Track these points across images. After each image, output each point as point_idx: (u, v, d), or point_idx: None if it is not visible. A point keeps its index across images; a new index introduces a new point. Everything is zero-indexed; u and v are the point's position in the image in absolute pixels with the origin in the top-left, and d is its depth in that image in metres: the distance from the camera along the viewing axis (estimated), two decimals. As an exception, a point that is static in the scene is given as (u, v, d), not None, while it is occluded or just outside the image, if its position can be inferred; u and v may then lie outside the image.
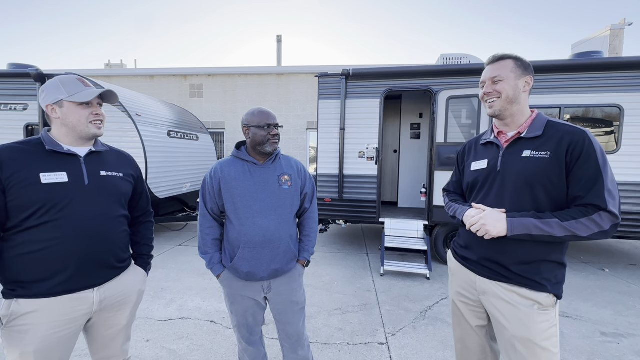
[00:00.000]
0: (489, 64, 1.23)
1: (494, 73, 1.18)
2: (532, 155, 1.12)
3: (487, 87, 1.21)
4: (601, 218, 1.01)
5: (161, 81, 8.75)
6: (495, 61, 1.20)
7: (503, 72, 1.17)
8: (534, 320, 1.10)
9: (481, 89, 1.25)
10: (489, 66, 1.22)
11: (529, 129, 1.17)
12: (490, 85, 1.19)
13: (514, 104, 1.17)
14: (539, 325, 1.10)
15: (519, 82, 1.16)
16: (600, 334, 2.53)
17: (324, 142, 4.35)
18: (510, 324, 1.14)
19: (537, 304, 1.11)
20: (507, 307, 1.15)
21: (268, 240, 1.40)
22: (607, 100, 3.63)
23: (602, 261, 4.38)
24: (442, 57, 5.10)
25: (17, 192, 1.04)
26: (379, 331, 2.54)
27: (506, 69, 1.16)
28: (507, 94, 1.16)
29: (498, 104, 1.18)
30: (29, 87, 4.53)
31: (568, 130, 1.10)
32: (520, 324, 1.12)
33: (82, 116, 1.15)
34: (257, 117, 1.41)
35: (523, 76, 1.17)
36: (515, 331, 1.13)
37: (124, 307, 1.27)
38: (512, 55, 1.19)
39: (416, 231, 4.10)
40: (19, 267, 1.06)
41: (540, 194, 1.11)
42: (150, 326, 2.57)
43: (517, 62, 1.17)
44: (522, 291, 1.13)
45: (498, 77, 1.17)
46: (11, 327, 1.05)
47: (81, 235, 1.11)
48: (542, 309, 1.11)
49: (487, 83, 1.20)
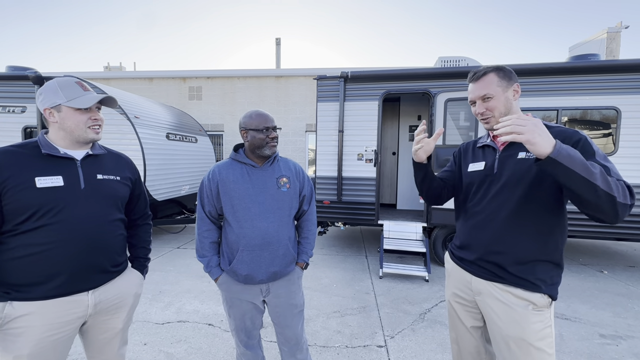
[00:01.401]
0: (472, 81, 1.21)
1: (481, 91, 1.17)
2: (528, 156, 1.13)
3: (479, 107, 1.20)
4: (627, 190, 0.92)
5: (160, 83, 8.75)
6: (478, 79, 1.19)
7: (490, 88, 1.16)
8: (528, 321, 1.10)
9: (471, 106, 1.24)
10: (474, 84, 1.20)
11: None
12: (482, 105, 1.19)
13: (508, 115, 1.17)
14: (533, 325, 1.10)
15: (508, 93, 1.16)
16: (599, 335, 2.53)
17: (322, 144, 4.36)
18: (505, 324, 1.14)
19: (531, 304, 1.11)
20: (502, 307, 1.15)
21: (267, 243, 1.39)
22: (604, 102, 3.65)
23: (600, 263, 4.39)
24: (440, 60, 5.12)
25: (12, 196, 1.03)
26: (378, 334, 2.53)
27: (492, 84, 1.16)
28: (499, 111, 1.16)
29: (494, 120, 1.18)
30: (28, 89, 4.53)
31: (561, 130, 1.11)
32: (514, 324, 1.12)
33: (80, 121, 1.14)
34: (255, 119, 1.41)
35: (510, 86, 1.17)
36: (510, 331, 1.13)
37: (120, 310, 1.26)
38: (493, 68, 1.18)
39: (415, 233, 4.10)
40: (13, 270, 1.05)
41: (536, 194, 1.11)
42: (147, 329, 2.55)
43: (499, 73, 1.16)
44: (517, 291, 1.13)
45: (487, 95, 1.16)
46: (4, 330, 1.04)
47: (76, 239, 1.10)
48: (536, 310, 1.11)
49: (478, 102, 1.20)
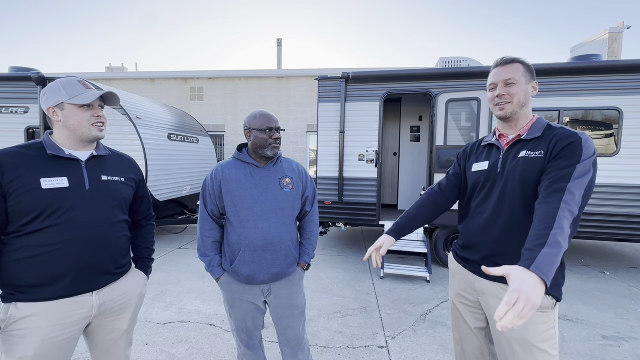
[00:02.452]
0: (498, 65, 1.21)
1: (506, 75, 1.17)
2: (528, 155, 1.14)
3: (500, 89, 1.19)
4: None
5: (162, 84, 8.77)
6: (506, 64, 1.19)
7: (516, 75, 1.16)
8: (531, 322, 1.10)
9: (489, 91, 1.23)
10: (499, 68, 1.20)
11: (529, 131, 1.18)
12: (504, 88, 1.18)
13: (523, 108, 1.19)
14: (537, 326, 1.09)
15: (529, 87, 1.18)
16: (601, 337, 2.52)
17: (324, 144, 4.36)
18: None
19: None
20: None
21: (269, 244, 1.39)
22: (606, 103, 3.64)
23: (603, 264, 4.37)
24: (441, 61, 5.12)
25: (17, 197, 1.03)
26: (379, 334, 2.53)
27: (518, 72, 1.17)
28: (519, 98, 1.17)
29: (510, 107, 1.17)
30: (30, 90, 4.55)
31: (563, 131, 1.11)
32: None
33: (83, 118, 1.15)
34: (259, 120, 1.41)
35: (531, 81, 1.18)
36: (513, 331, 1.12)
37: (125, 311, 1.26)
38: (522, 60, 1.19)
39: (416, 234, 4.10)
40: (18, 271, 1.06)
41: (534, 193, 1.11)
42: (149, 329, 2.56)
43: (525, 66, 1.18)
44: None
45: (512, 80, 1.16)
46: (9, 331, 1.04)
47: (81, 240, 1.11)
48: (540, 310, 1.10)
49: (500, 85, 1.19)
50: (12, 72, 4.77)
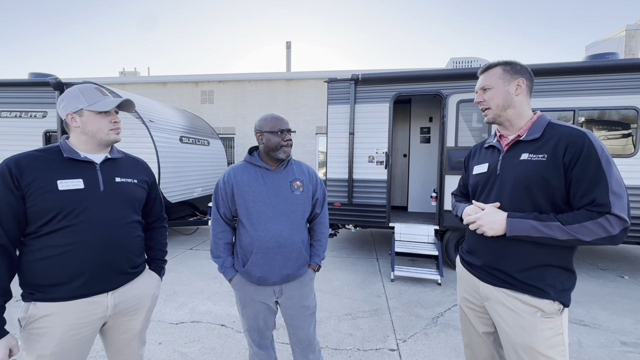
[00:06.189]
0: (479, 74, 1.27)
1: (482, 82, 1.23)
2: (530, 158, 1.11)
3: (477, 97, 1.26)
4: (609, 222, 0.97)
5: (173, 88, 8.93)
6: (483, 71, 1.24)
7: (491, 80, 1.20)
8: (536, 328, 1.07)
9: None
10: (480, 76, 1.26)
11: (528, 131, 1.16)
12: (481, 95, 1.24)
13: (509, 109, 1.18)
14: (542, 332, 1.06)
15: (510, 87, 1.17)
16: (620, 343, 2.45)
17: (333, 146, 4.36)
18: (512, 331, 1.12)
19: (539, 310, 1.08)
20: (509, 314, 1.13)
21: (281, 246, 1.41)
22: (623, 102, 3.54)
23: (621, 268, 4.24)
24: (452, 61, 5.08)
25: (35, 198, 1.07)
26: (390, 337, 2.51)
27: (494, 76, 1.20)
28: (497, 102, 1.19)
29: (491, 113, 1.22)
30: (49, 95, 4.70)
31: (566, 131, 1.07)
32: (521, 331, 1.09)
33: (102, 124, 1.19)
34: (270, 122, 1.43)
35: (513, 80, 1.17)
36: (517, 338, 1.10)
37: (138, 311, 1.29)
38: (501, 62, 1.21)
39: (427, 236, 4.06)
40: (37, 271, 1.09)
41: (538, 197, 1.09)
42: (162, 329, 2.60)
43: (505, 67, 1.19)
44: (525, 297, 1.10)
45: (486, 86, 1.22)
46: (29, 329, 1.08)
47: (97, 240, 1.14)
48: (545, 316, 1.07)
49: (479, 93, 1.25)
50: (31, 78, 4.94)
